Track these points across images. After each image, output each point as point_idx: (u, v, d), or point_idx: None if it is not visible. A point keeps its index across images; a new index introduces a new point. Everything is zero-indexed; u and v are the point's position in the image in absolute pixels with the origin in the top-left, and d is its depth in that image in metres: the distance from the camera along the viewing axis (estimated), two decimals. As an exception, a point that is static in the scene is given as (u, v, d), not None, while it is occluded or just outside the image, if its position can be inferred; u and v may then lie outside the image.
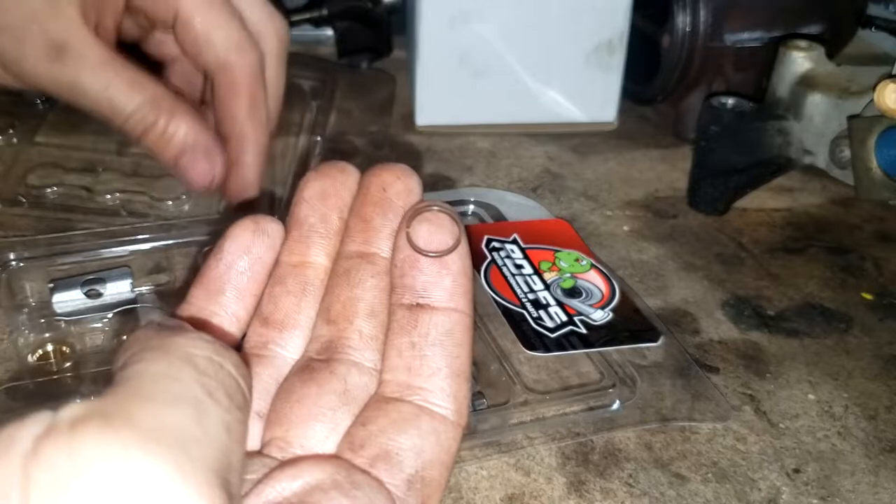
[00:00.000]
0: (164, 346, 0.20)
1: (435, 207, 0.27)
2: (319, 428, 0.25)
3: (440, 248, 0.26)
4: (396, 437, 0.24)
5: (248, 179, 0.48)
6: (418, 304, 0.26)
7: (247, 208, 0.48)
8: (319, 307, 0.28)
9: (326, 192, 0.29)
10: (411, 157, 0.71)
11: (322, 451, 0.25)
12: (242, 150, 0.47)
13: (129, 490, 0.16)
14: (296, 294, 0.28)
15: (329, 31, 0.86)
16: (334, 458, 0.25)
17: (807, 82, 0.62)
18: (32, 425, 0.17)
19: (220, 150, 0.46)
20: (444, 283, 0.26)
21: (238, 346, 0.28)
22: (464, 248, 0.27)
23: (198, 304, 0.27)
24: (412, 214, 0.27)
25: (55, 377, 0.45)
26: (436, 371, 0.25)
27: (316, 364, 0.27)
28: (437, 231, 0.26)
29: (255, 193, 0.49)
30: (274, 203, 0.57)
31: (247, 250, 0.28)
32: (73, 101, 0.43)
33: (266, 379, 0.27)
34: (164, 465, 0.17)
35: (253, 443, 0.26)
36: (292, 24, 0.83)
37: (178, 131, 0.43)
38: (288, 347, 0.28)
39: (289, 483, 0.23)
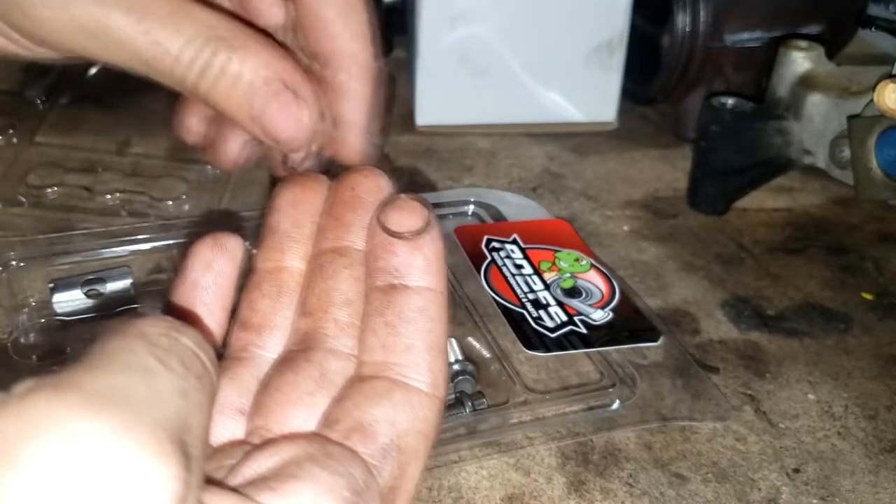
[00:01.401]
0: (121, 328, 0.20)
1: (404, 195, 0.28)
2: (298, 413, 0.26)
3: (411, 230, 0.27)
4: (370, 410, 0.25)
5: (357, 120, 0.36)
6: (392, 286, 0.27)
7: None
8: (297, 304, 0.29)
9: (298, 200, 0.30)
10: (410, 156, 0.71)
11: None
12: (344, 75, 0.35)
13: (76, 448, 0.16)
14: (272, 297, 0.29)
15: (329, 32, 0.85)
16: (309, 434, 0.25)
17: (807, 82, 0.62)
18: None
19: (310, 84, 0.33)
20: (416, 262, 0.27)
21: (219, 355, 0.28)
22: (435, 230, 0.28)
23: None
24: (383, 203, 0.28)
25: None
26: (410, 347, 0.26)
27: (293, 354, 0.28)
28: (407, 215, 0.27)
29: (375, 143, 0.37)
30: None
31: (208, 266, 0.28)
32: (100, 54, 0.32)
33: (247, 378, 0.28)
34: (110, 421, 0.17)
35: (237, 437, 0.27)
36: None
37: (245, 66, 0.31)
38: (268, 348, 0.29)
39: (265, 461, 0.23)
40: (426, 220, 0.27)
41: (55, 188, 0.61)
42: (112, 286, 0.50)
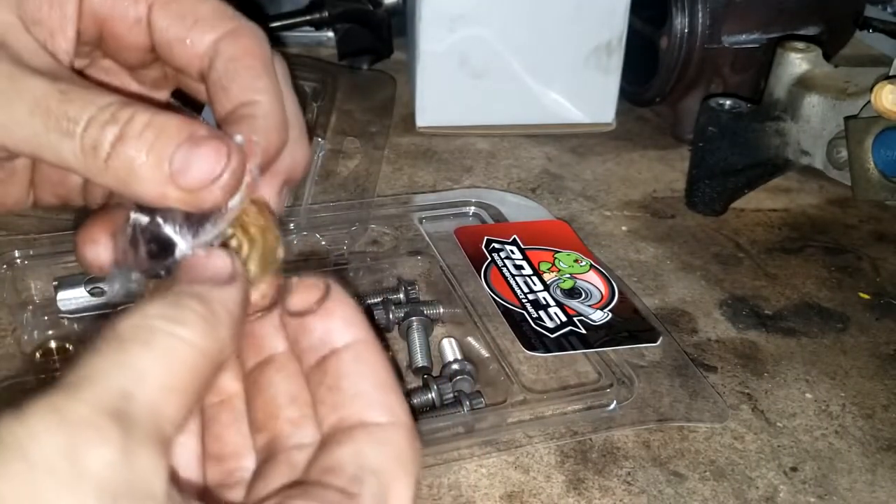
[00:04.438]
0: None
1: (293, 280, 0.28)
2: None
3: (316, 301, 0.27)
4: (333, 454, 0.25)
5: (297, 143, 0.32)
6: (323, 357, 0.27)
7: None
8: (249, 427, 0.29)
9: None
10: (410, 157, 0.71)
11: None
12: (269, 110, 0.31)
13: None
14: (230, 424, 0.29)
15: (330, 34, 0.86)
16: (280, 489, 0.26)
17: (804, 83, 0.62)
18: None
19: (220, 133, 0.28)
20: (334, 325, 0.27)
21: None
22: (336, 289, 0.27)
23: None
24: (279, 294, 0.28)
25: (57, 375, 0.46)
26: (356, 394, 0.26)
27: (260, 467, 0.28)
28: (304, 291, 0.27)
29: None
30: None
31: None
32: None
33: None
34: None
35: None
36: (293, 27, 0.84)
37: (155, 120, 0.27)
38: (250, 469, 0.29)
39: None
40: (324, 287, 0.27)
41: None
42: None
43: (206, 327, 0.23)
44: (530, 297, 0.53)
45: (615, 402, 0.46)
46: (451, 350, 0.49)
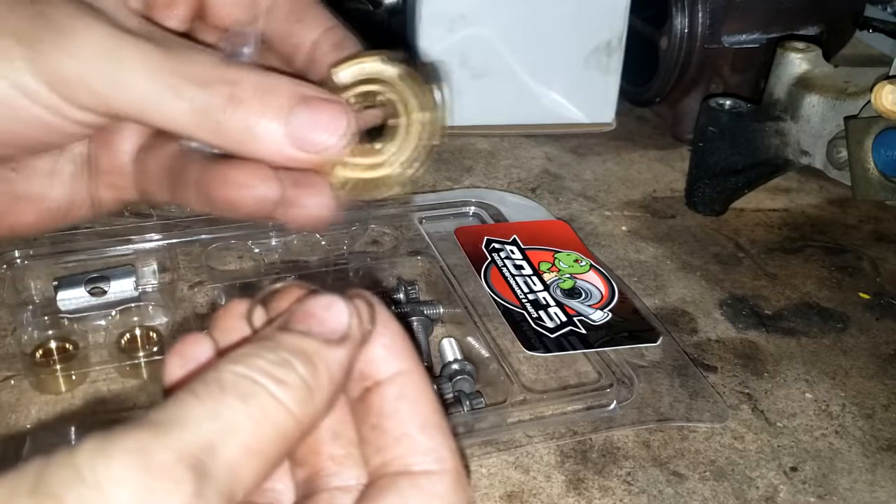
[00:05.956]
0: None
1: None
2: None
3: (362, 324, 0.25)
4: None
5: None
6: (366, 390, 0.26)
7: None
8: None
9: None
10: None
11: None
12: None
13: None
14: None
15: (329, 33, 0.86)
16: None
17: (804, 83, 0.62)
18: None
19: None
20: (377, 354, 0.25)
21: None
22: (384, 315, 0.26)
23: None
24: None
25: (57, 373, 0.46)
26: (401, 437, 0.25)
27: None
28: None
29: None
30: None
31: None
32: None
33: None
34: None
35: None
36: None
37: (274, 83, 0.28)
38: (285, 493, 0.28)
39: None
40: (368, 309, 0.26)
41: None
42: (116, 284, 0.50)
43: (306, 394, 0.22)
44: (530, 297, 0.53)
45: (615, 402, 0.46)
46: (451, 350, 0.49)
